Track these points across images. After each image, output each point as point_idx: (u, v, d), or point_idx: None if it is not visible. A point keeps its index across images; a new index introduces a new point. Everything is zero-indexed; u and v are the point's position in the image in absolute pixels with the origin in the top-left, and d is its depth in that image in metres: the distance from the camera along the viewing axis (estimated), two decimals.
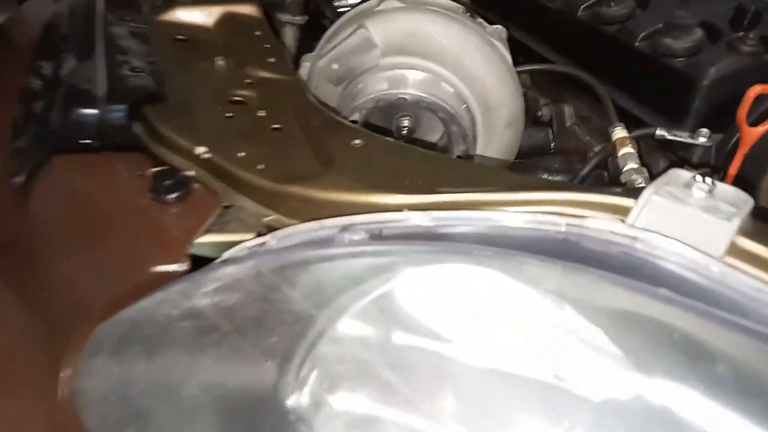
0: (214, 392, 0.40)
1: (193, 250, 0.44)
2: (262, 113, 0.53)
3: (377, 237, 0.37)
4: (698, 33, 0.69)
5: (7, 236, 0.51)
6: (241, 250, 0.41)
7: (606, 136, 0.78)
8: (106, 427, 0.37)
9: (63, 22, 0.88)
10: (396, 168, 0.44)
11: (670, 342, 0.29)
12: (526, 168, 0.77)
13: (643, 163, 0.66)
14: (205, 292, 0.38)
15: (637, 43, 0.73)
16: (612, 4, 0.77)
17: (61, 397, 0.40)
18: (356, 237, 0.37)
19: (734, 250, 0.36)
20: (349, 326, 0.38)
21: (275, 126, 0.51)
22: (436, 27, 0.62)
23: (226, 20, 0.73)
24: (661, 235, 0.34)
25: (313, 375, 0.40)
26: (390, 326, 0.37)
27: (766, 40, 0.66)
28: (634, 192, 0.39)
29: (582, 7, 0.80)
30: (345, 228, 0.37)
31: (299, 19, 0.94)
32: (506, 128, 0.65)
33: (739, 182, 0.63)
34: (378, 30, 0.62)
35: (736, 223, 0.36)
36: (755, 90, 0.57)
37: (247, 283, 0.36)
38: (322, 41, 0.69)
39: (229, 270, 0.37)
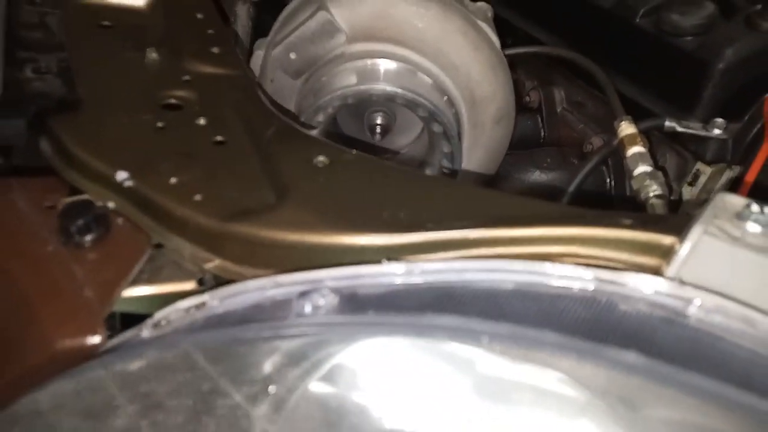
0: None
1: (117, 307, 0.35)
2: (201, 121, 0.43)
3: (348, 301, 0.29)
4: (710, 7, 0.60)
5: None
6: (175, 311, 0.32)
7: (603, 124, 0.70)
8: None
9: None
10: (369, 195, 0.35)
11: None
12: (517, 163, 0.68)
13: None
14: (125, 379, 0.29)
15: (638, 20, 0.64)
16: None
17: None
18: (321, 302, 0.28)
19: None
20: (300, 404, 0.30)
21: (218, 139, 0.41)
22: (411, 7, 0.52)
23: (162, 0, 0.62)
24: (724, 297, 0.26)
25: None
26: (345, 398, 0.29)
27: None
28: (672, 225, 0.31)
29: None
30: (305, 292, 0.28)
31: None
32: (495, 124, 0.56)
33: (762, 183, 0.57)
34: (342, 12, 0.52)
35: None
36: None
37: (177, 372, 0.27)
38: (276, 24, 0.58)
39: (155, 352, 0.28)
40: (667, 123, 0.57)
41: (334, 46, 0.53)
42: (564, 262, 0.30)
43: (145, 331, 0.32)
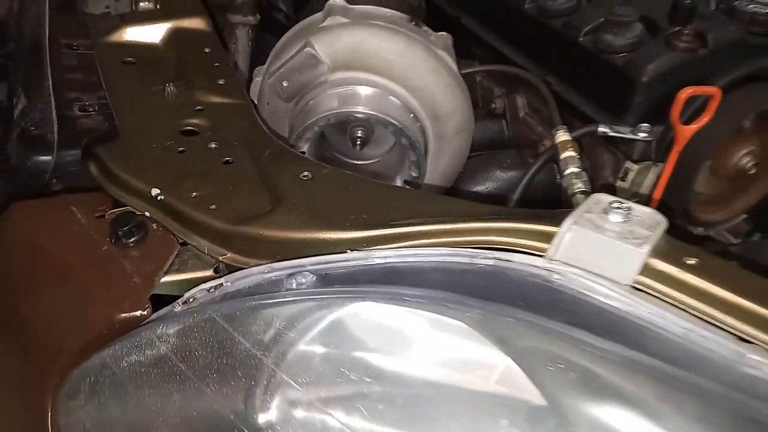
0: (188, 423, 0.43)
1: (156, 290, 0.47)
2: (213, 145, 0.55)
3: (322, 279, 0.40)
4: (638, 28, 0.71)
5: None
6: (199, 291, 0.44)
7: (569, 118, 0.81)
8: None
9: (6, 30, 0.88)
10: (342, 202, 0.47)
11: (569, 377, 0.33)
12: (481, 164, 0.80)
13: (592, 161, 0.70)
14: (166, 338, 0.41)
15: (581, 39, 0.75)
16: None
17: None
18: (303, 280, 0.40)
19: (647, 271, 0.40)
20: (301, 355, 0.41)
21: (227, 159, 0.53)
22: (381, 41, 0.63)
23: (174, 36, 0.73)
24: (575, 267, 0.38)
25: (276, 397, 0.43)
26: (334, 352, 0.40)
27: (701, 35, 0.68)
28: (558, 218, 0.42)
29: None
30: (292, 274, 0.40)
31: (251, 20, 0.94)
32: (456, 135, 0.68)
33: (676, 178, 0.67)
34: (323, 47, 0.63)
35: (646, 248, 0.39)
36: (686, 92, 0.60)
37: (203, 331, 0.39)
38: (271, 56, 0.70)
39: (187, 319, 0.40)
40: (600, 129, 0.68)
41: (318, 75, 0.64)
42: (481, 248, 0.42)
43: (178, 306, 0.44)
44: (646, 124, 0.67)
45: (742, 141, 0.70)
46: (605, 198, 0.43)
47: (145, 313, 0.44)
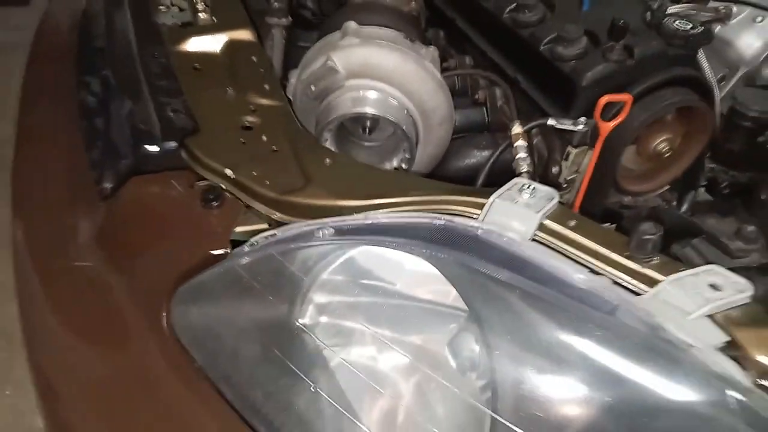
0: (255, 322, 0.69)
1: (232, 237, 0.71)
2: (264, 138, 0.78)
3: (338, 232, 0.65)
4: (583, 42, 0.91)
5: (102, 232, 0.79)
6: (261, 237, 0.69)
7: (527, 115, 1.03)
8: (195, 344, 0.66)
9: (94, 30, 1.11)
10: (351, 181, 0.71)
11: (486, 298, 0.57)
12: (463, 144, 1.02)
13: (546, 145, 0.92)
14: (241, 266, 0.66)
15: (541, 48, 0.95)
16: (526, 11, 0.99)
17: (165, 331, 0.68)
18: (326, 232, 0.65)
19: (541, 229, 0.63)
20: (326, 280, 0.66)
21: (274, 148, 0.77)
22: (383, 56, 0.86)
23: (229, 46, 0.96)
24: (494, 225, 0.61)
25: (311, 307, 0.68)
26: (347, 278, 0.65)
27: (629, 48, 0.89)
28: (489, 194, 0.66)
29: (506, 10, 1.02)
30: (320, 227, 0.65)
31: (285, 21, 1.16)
32: (439, 126, 0.90)
33: (604, 159, 0.89)
34: (340, 60, 0.86)
35: (540, 213, 0.63)
36: (604, 99, 0.81)
37: (265, 262, 0.64)
38: (301, 64, 0.92)
39: (254, 254, 0.65)
40: (549, 121, 0.89)
41: (336, 81, 0.87)
42: (439, 212, 0.65)
43: (246, 247, 0.69)
44: (583, 118, 0.89)
45: (660, 131, 0.91)
46: (521, 180, 0.66)
47: (227, 250, 0.69)
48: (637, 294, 0.58)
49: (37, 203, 0.92)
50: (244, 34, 0.98)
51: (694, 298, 0.57)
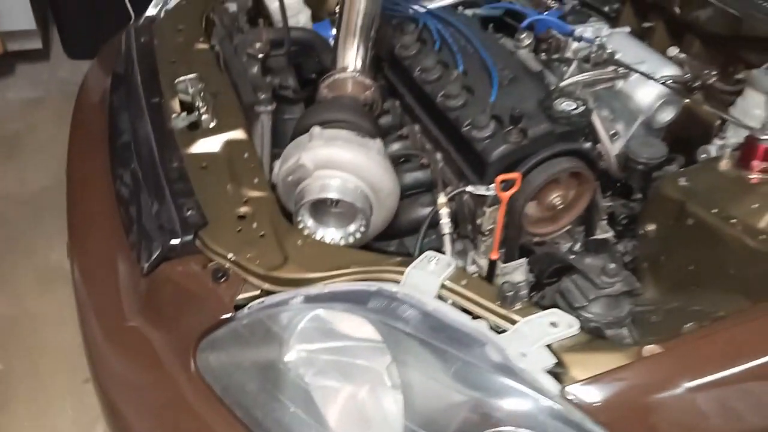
0: (254, 363, 0.99)
1: (235, 303, 1.02)
2: (255, 225, 1.09)
3: (307, 298, 0.95)
4: (491, 126, 1.19)
5: (145, 301, 1.10)
6: (255, 304, 0.99)
7: (460, 176, 1.32)
8: (215, 380, 0.97)
9: (121, 125, 1.43)
10: (316, 258, 1.01)
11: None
12: (409, 203, 1.32)
13: (470, 204, 1.21)
14: (243, 325, 0.96)
15: (463, 129, 1.24)
16: (452, 98, 1.28)
17: (193, 372, 0.99)
18: (298, 300, 0.95)
19: (444, 288, 0.92)
20: (300, 331, 0.96)
21: (262, 234, 1.07)
22: (341, 153, 1.15)
23: (227, 146, 1.26)
24: (409, 288, 0.91)
25: (291, 351, 0.97)
26: (314, 329, 0.95)
27: (524, 131, 1.17)
28: (408, 263, 0.95)
29: (438, 95, 1.31)
30: (293, 296, 0.95)
31: (270, 108, 1.46)
32: (387, 198, 1.20)
33: (511, 214, 1.18)
34: (309, 158, 1.16)
35: (442, 278, 0.92)
36: (500, 178, 1.10)
37: (257, 322, 0.95)
38: (281, 159, 1.22)
39: (251, 317, 0.95)
40: (468, 188, 1.18)
41: (307, 173, 1.17)
42: (373, 279, 0.95)
43: (245, 311, 0.99)
44: (493, 185, 1.17)
45: (554, 189, 1.20)
46: (431, 253, 0.95)
47: (233, 314, 0.99)
48: (502, 332, 0.88)
49: (96, 274, 1.24)
50: (238, 134, 1.28)
51: (538, 333, 0.86)
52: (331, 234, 1.17)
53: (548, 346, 0.85)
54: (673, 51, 1.53)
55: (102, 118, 1.56)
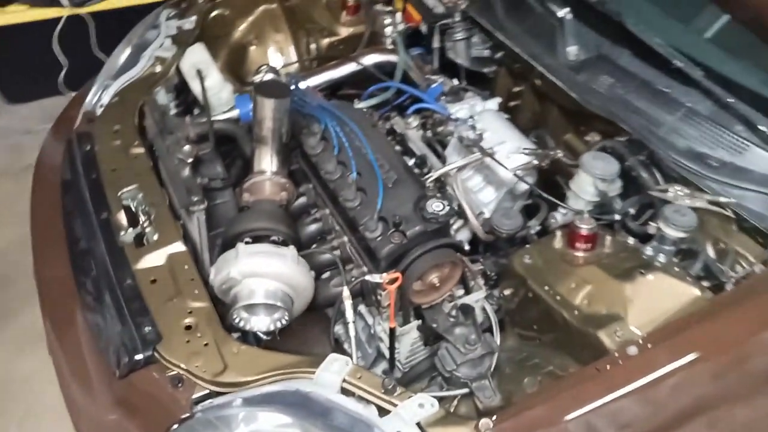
0: None
1: (193, 403, 1.34)
2: (198, 335, 1.40)
3: (245, 400, 1.28)
4: (379, 227, 1.52)
5: (121, 400, 1.41)
6: (204, 405, 1.32)
7: (362, 259, 1.65)
8: None
9: (77, 233, 1.70)
10: (247, 363, 1.34)
11: None
12: (323, 284, 1.64)
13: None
14: (197, 421, 1.29)
15: (360, 227, 1.56)
16: (347, 200, 1.59)
17: None
18: (238, 402, 1.28)
19: (344, 383, 1.26)
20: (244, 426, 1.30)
21: (205, 343, 1.38)
22: (262, 264, 1.47)
23: (170, 259, 1.55)
24: (318, 388, 1.25)
25: None
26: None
27: (403, 232, 1.50)
28: (318, 363, 1.29)
29: (339, 195, 1.62)
30: (233, 398, 1.28)
31: (203, 207, 1.74)
32: (303, 291, 1.52)
33: (400, 293, 1.52)
34: (236, 271, 1.47)
35: (343, 375, 1.26)
36: (386, 277, 1.43)
37: (207, 421, 1.28)
38: (215, 268, 1.53)
39: (202, 415, 1.28)
40: (366, 277, 1.51)
41: (236, 281, 1.48)
42: (298, 378, 1.29)
43: (198, 412, 1.32)
44: (385, 274, 1.51)
45: (432, 272, 1.54)
46: (334, 356, 1.29)
47: (189, 413, 1.32)
48: (386, 413, 1.23)
49: (78, 371, 1.54)
50: (178, 246, 1.57)
51: (410, 415, 1.22)
52: (262, 321, 1.50)
53: (418, 425, 1.21)
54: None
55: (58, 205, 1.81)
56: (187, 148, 1.78)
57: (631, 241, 1.56)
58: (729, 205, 1.48)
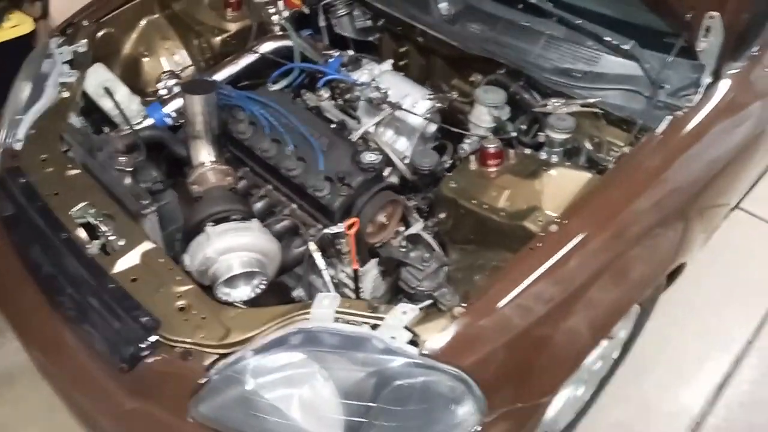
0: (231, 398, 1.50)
1: (207, 368, 1.50)
2: (195, 312, 1.55)
3: (256, 350, 1.47)
4: (327, 186, 1.74)
5: (133, 388, 1.55)
6: (220, 365, 1.49)
7: (314, 219, 1.86)
8: (211, 422, 1.47)
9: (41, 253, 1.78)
10: (249, 321, 1.52)
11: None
12: (286, 247, 1.84)
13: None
14: (216, 380, 1.46)
15: (308, 191, 1.77)
16: (291, 170, 1.79)
17: (189, 422, 1.49)
18: (249, 353, 1.47)
19: (337, 313, 1.49)
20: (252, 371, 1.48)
21: (203, 317, 1.54)
22: (231, 239, 1.64)
23: (144, 256, 1.68)
24: (316, 323, 1.46)
25: (251, 383, 1.49)
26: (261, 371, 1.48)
27: (348, 184, 1.73)
28: (309, 305, 1.50)
29: (282, 168, 1.82)
30: (244, 352, 1.46)
31: (155, 209, 1.87)
32: (274, 256, 1.71)
33: (357, 238, 1.75)
34: (211, 250, 1.63)
35: (334, 307, 1.48)
36: (345, 223, 1.65)
37: (225, 377, 1.45)
38: (189, 253, 1.68)
39: (220, 374, 1.46)
40: (325, 230, 1.73)
41: (213, 260, 1.64)
42: (297, 321, 1.49)
43: (214, 374, 1.48)
44: (340, 224, 1.73)
45: (379, 213, 1.79)
46: (322, 294, 1.51)
47: (207, 378, 1.48)
48: (376, 327, 1.47)
49: (80, 381, 1.64)
50: (147, 245, 1.70)
51: (397, 322, 1.46)
52: (243, 290, 1.68)
53: (406, 327, 1.46)
54: None
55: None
56: (123, 158, 1.90)
57: (528, 151, 1.90)
58: (596, 105, 1.85)
